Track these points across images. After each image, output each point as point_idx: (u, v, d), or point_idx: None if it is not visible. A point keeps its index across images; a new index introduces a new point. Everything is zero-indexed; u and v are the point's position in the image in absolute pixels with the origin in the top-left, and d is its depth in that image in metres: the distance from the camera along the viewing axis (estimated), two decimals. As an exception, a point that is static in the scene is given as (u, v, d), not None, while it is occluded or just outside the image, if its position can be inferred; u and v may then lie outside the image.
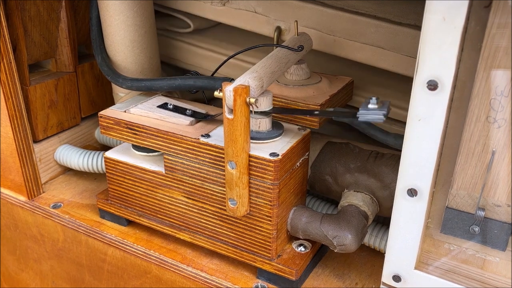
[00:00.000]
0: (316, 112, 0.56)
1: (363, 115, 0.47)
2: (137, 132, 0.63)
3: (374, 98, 0.47)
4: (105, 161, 0.69)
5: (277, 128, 0.59)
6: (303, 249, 0.62)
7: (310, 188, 0.68)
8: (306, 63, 0.66)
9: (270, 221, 0.58)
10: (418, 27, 0.66)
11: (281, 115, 0.62)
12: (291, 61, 0.62)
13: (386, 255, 0.50)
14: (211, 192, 0.61)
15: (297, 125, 0.62)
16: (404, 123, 0.44)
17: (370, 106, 0.47)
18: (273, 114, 0.59)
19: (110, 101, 0.85)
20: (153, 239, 0.70)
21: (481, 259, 0.47)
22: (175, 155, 0.61)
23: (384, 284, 0.51)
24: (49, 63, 0.84)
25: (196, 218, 0.64)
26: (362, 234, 0.58)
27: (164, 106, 0.66)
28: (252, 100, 0.51)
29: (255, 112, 0.57)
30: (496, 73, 0.39)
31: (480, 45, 0.39)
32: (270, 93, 0.57)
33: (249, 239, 0.60)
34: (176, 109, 0.65)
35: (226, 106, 0.52)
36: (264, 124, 0.58)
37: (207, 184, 0.60)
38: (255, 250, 0.61)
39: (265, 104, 0.56)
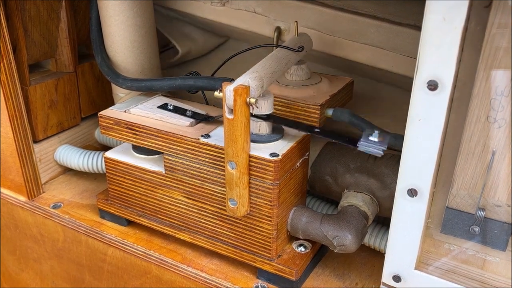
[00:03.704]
0: (317, 130, 0.57)
1: (363, 146, 0.49)
2: (137, 132, 0.63)
3: (376, 132, 0.49)
4: (105, 161, 0.69)
5: (278, 132, 0.59)
6: (303, 249, 0.62)
7: (310, 189, 0.68)
8: (306, 63, 0.66)
9: (270, 221, 0.58)
10: (418, 28, 0.65)
11: (282, 113, 0.62)
12: (291, 61, 0.62)
13: (386, 255, 0.50)
14: (211, 192, 0.61)
15: (297, 125, 0.62)
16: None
17: (371, 138, 0.48)
18: (274, 112, 0.59)
19: (110, 101, 0.85)
20: (153, 239, 0.70)
21: (481, 259, 0.47)
22: (175, 155, 0.61)
23: (384, 284, 0.51)
24: (49, 63, 0.84)
25: (196, 218, 0.64)
26: (362, 234, 0.58)
27: (164, 106, 0.66)
28: (253, 100, 0.51)
29: (256, 115, 0.57)
30: (496, 73, 0.39)
31: (480, 45, 0.39)
32: (271, 97, 0.57)
33: (249, 239, 0.60)
34: (176, 110, 0.65)
35: (226, 106, 0.52)
36: (264, 127, 0.58)
37: (207, 184, 0.60)
38: (255, 250, 0.61)
39: (266, 108, 0.56)
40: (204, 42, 0.90)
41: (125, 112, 0.66)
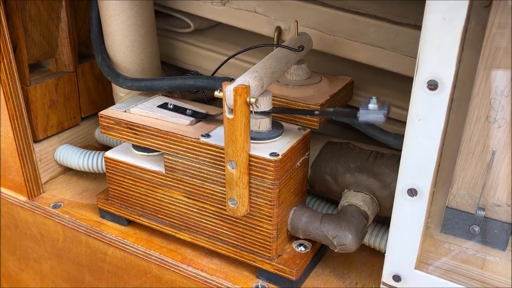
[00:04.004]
0: (316, 112, 0.56)
1: (363, 115, 0.47)
2: (137, 132, 0.63)
3: (374, 98, 0.47)
4: (105, 161, 0.69)
5: (277, 128, 0.59)
6: (303, 249, 0.62)
7: (310, 188, 0.68)
8: (306, 63, 0.66)
9: (270, 221, 0.58)
10: (419, 27, 0.65)
11: (281, 115, 0.62)
12: (291, 61, 0.62)
13: (386, 255, 0.50)
14: (211, 192, 0.61)
15: (297, 125, 0.62)
16: (404, 123, 0.44)
17: (370, 106, 0.47)
18: (273, 114, 0.59)
19: (110, 101, 0.85)
20: (153, 239, 0.70)
21: (481, 259, 0.47)
22: (175, 155, 0.61)
23: (384, 284, 0.51)
24: (49, 63, 0.84)
25: (196, 218, 0.64)
26: (362, 234, 0.58)
27: (164, 106, 0.66)
28: (253, 100, 0.51)
29: (255, 112, 0.57)
30: (496, 72, 0.39)
31: (480, 45, 0.39)
32: (270, 93, 0.57)
33: (249, 239, 0.60)
34: (176, 109, 0.65)
35: (226, 106, 0.52)
36: (264, 124, 0.58)
37: (207, 184, 0.60)
38: (255, 250, 0.61)
39: (265, 104, 0.56)
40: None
41: (125, 111, 0.66)
